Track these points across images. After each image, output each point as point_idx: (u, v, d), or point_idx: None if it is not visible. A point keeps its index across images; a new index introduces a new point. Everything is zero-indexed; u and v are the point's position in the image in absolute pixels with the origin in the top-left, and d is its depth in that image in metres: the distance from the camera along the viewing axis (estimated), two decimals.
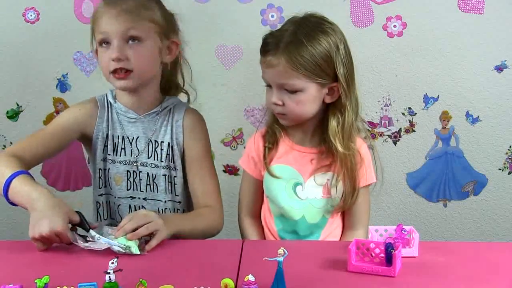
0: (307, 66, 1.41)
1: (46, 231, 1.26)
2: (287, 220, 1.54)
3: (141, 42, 1.48)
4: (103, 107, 1.56)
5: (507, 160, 2.18)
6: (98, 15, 1.49)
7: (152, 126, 1.56)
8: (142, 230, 1.28)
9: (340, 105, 1.47)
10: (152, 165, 1.56)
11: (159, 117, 1.57)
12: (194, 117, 1.60)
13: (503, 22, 2.07)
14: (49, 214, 1.28)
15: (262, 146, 1.56)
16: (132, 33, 1.46)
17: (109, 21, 1.46)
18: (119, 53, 1.45)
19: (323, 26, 1.46)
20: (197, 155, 1.57)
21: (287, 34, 1.43)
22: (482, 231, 2.23)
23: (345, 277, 1.17)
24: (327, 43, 1.43)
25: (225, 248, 1.34)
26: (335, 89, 1.46)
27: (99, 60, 1.51)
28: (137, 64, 1.47)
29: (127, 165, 1.55)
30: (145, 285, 1.06)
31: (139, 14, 1.48)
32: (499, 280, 1.17)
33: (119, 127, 1.56)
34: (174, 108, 1.59)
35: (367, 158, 1.55)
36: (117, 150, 1.55)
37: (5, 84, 2.13)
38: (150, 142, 1.56)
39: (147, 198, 1.57)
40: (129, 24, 1.46)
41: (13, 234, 2.20)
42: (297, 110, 1.46)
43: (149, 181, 1.56)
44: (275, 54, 1.42)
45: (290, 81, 1.42)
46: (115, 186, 1.56)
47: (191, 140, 1.57)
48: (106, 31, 1.46)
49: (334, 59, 1.43)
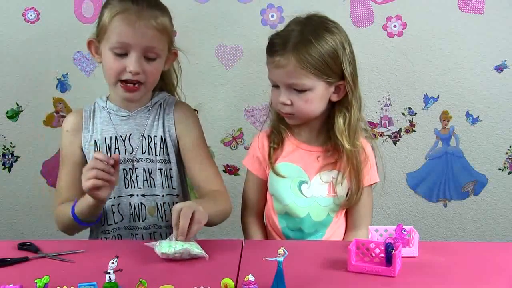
0: (316, 65, 1.42)
1: (89, 165, 1.34)
2: (292, 218, 1.55)
3: (158, 59, 1.50)
4: (88, 117, 1.58)
5: (507, 160, 2.18)
6: (118, 21, 1.45)
7: (144, 121, 1.57)
8: (195, 227, 1.27)
9: (346, 103, 1.50)
10: (147, 160, 1.56)
11: (150, 112, 1.58)
12: (184, 108, 1.61)
13: (503, 22, 2.07)
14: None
15: (267, 146, 1.57)
16: (155, 51, 1.48)
17: (133, 33, 1.44)
18: (140, 68, 1.46)
19: (327, 26, 1.48)
20: (192, 143, 1.57)
21: (294, 34, 1.44)
22: (482, 231, 2.23)
23: (345, 277, 1.17)
24: (333, 42, 1.45)
25: (225, 248, 1.34)
26: (341, 87, 1.48)
27: (106, 63, 1.49)
28: (150, 78, 1.50)
29: (122, 163, 1.55)
30: (145, 285, 1.07)
31: (163, 29, 1.49)
32: (499, 280, 1.17)
33: (111, 128, 1.56)
34: (164, 102, 1.60)
35: (372, 157, 1.56)
36: (111, 151, 1.55)
37: (5, 84, 2.13)
38: (143, 137, 1.56)
39: (145, 194, 1.57)
40: (154, 41, 1.47)
41: (13, 234, 2.20)
42: (306, 109, 1.47)
43: (145, 177, 1.56)
44: (284, 54, 1.43)
45: (300, 80, 1.43)
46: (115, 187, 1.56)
47: (184, 129, 1.57)
48: (127, 42, 1.45)
49: (341, 57, 1.45)
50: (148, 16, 1.46)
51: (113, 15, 1.45)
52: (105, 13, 1.49)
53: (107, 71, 1.50)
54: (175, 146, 1.58)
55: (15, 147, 2.17)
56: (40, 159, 2.18)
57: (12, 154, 2.18)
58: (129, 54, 1.45)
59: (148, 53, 1.47)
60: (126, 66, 1.45)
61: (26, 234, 2.21)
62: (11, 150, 2.17)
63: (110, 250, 1.24)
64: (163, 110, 1.59)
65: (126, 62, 1.45)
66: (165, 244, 1.25)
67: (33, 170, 2.18)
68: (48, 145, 2.16)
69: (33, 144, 2.17)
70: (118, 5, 1.47)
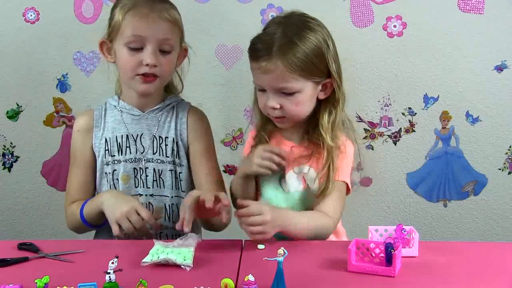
0: (303, 66, 1.41)
1: (125, 209, 1.39)
2: None
3: (172, 51, 1.52)
4: (100, 116, 1.60)
5: (507, 160, 2.18)
6: (132, 15, 1.48)
7: (155, 122, 1.59)
8: (209, 199, 1.31)
9: (333, 100, 1.49)
10: (158, 161, 1.58)
11: (162, 113, 1.59)
12: (197, 114, 1.63)
13: (503, 22, 2.07)
14: (122, 197, 1.46)
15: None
16: (170, 43, 1.51)
17: (147, 25, 1.47)
18: (156, 60, 1.48)
19: (309, 24, 1.45)
20: (201, 151, 1.60)
21: (277, 36, 1.42)
22: (482, 231, 2.23)
23: (345, 277, 1.17)
24: (317, 40, 1.43)
25: (225, 248, 1.34)
26: (328, 85, 1.48)
27: (122, 59, 1.51)
28: (165, 71, 1.52)
29: (133, 162, 1.57)
30: (145, 285, 1.07)
31: (175, 22, 1.52)
32: (499, 280, 1.17)
33: (123, 127, 1.57)
34: (177, 106, 1.62)
35: (349, 155, 1.53)
36: (122, 150, 1.56)
37: (5, 84, 2.13)
38: (154, 138, 1.57)
39: (153, 194, 1.58)
40: (168, 33, 1.50)
41: (13, 234, 2.20)
42: (297, 111, 1.46)
43: (155, 177, 1.58)
44: (270, 59, 1.40)
45: (289, 83, 1.42)
46: (124, 185, 1.57)
47: (195, 137, 1.60)
48: (142, 35, 1.47)
49: (326, 55, 1.44)
50: (160, 9, 1.49)
51: (126, 11, 1.49)
52: (116, 12, 1.52)
53: (123, 67, 1.52)
54: (185, 150, 1.60)
55: (15, 147, 2.17)
56: (40, 159, 2.18)
57: (12, 154, 2.18)
58: (144, 47, 1.48)
59: (163, 46, 1.49)
60: (143, 60, 1.48)
61: (26, 234, 2.21)
62: (11, 150, 2.17)
63: (110, 250, 1.24)
64: (176, 112, 1.61)
65: (142, 56, 1.48)
66: (151, 251, 1.24)
67: (33, 170, 2.18)
68: (48, 145, 2.16)
69: (33, 144, 2.17)
70: (128, 3, 1.50)
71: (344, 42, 1.98)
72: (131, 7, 1.49)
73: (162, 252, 1.23)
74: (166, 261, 1.21)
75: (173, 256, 1.21)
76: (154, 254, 1.23)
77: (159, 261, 1.21)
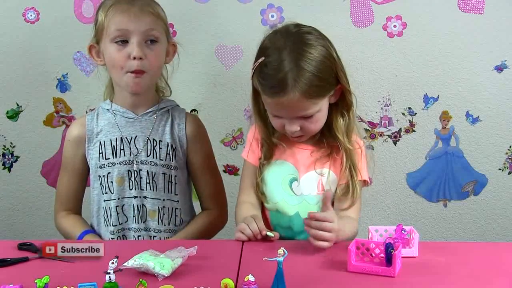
0: (319, 91, 1.42)
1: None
2: (282, 216, 1.54)
3: (158, 43, 1.53)
4: (91, 120, 1.60)
5: (507, 160, 2.18)
6: (113, 12, 1.50)
7: (149, 125, 1.59)
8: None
9: (345, 103, 1.50)
10: (151, 163, 1.58)
11: (156, 116, 1.60)
12: (195, 123, 1.66)
13: (503, 22, 2.07)
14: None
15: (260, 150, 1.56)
16: (154, 34, 1.52)
17: (129, 19, 1.49)
18: (142, 53, 1.49)
19: (308, 41, 1.42)
20: (201, 161, 1.65)
21: (286, 70, 1.37)
22: (482, 231, 2.23)
23: (345, 277, 1.17)
24: (322, 57, 1.41)
25: (225, 248, 1.34)
26: (337, 90, 1.48)
27: (110, 56, 1.52)
28: (153, 65, 1.53)
29: (127, 165, 1.56)
30: (145, 285, 1.07)
31: (158, 15, 1.54)
32: (499, 280, 1.17)
33: (116, 130, 1.57)
34: (172, 110, 1.63)
35: (364, 152, 1.56)
36: (116, 152, 1.56)
37: (5, 84, 2.13)
38: (148, 140, 1.57)
39: (147, 196, 1.58)
40: (151, 24, 1.51)
41: (13, 234, 2.20)
42: (316, 128, 1.48)
43: (148, 179, 1.57)
44: (287, 93, 1.38)
45: (309, 110, 1.42)
46: (118, 187, 1.57)
47: (195, 147, 1.63)
48: (126, 28, 1.49)
49: (333, 68, 1.44)
50: (141, 3, 1.51)
51: (107, 9, 1.51)
52: (99, 13, 1.54)
53: (112, 65, 1.53)
54: (184, 156, 1.62)
55: (15, 147, 2.17)
56: (40, 159, 2.18)
57: (12, 154, 2.18)
58: (129, 41, 1.49)
59: (148, 36, 1.51)
60: (129, 53, 1.49)
61: (26, 234, 2.21)
62: (11, 150, 2.17)
63: (110, 250, 1.24)
64: (171, 117, 1.62)
65: (128, 49, 1.49)
66: (136, 256, 1.20)
67: (33, 170, 2.18)
68: (48, 145, 2.16)
69: (33, 144, 2.17)
70: (109, 2, 1.53)
71: (344, 42, 1.99)
72: (112, 4, 1.51)
73: (144, 259, 1.18)
74: (143, 267, 1.16)
75: (151, 263, 1.16)
76: (136, 259, 1.19)
77: (137, 267, 1.17)
